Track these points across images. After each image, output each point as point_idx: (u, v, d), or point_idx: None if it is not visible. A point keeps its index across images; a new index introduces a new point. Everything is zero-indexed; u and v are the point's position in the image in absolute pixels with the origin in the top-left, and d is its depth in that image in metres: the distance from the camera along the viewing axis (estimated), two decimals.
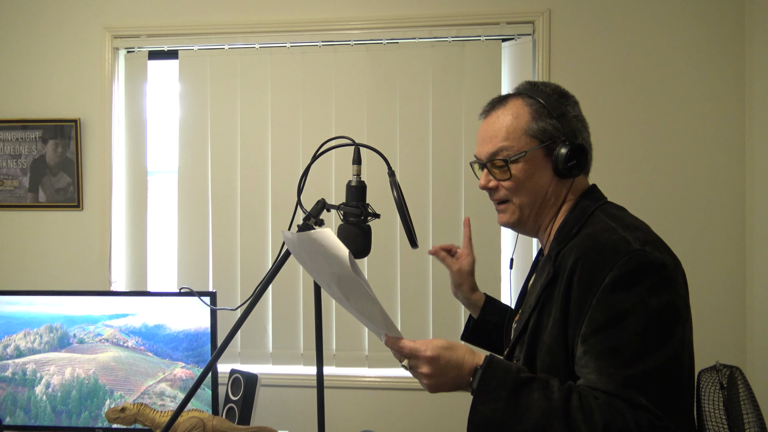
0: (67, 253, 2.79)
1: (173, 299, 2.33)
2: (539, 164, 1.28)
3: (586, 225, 1.25)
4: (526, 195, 1.30)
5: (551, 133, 1.26)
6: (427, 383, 1.17)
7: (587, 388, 1.09)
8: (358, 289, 1.13)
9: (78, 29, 2.78)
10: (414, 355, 1.16)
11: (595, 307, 1.12)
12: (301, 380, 2.67)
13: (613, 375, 1.07)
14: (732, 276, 2.50)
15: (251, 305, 1.29)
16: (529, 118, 1.28)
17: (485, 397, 1.11)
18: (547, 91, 1.31)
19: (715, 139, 2.52)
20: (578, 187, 1.33)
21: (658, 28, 2.54)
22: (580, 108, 1.33)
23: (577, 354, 1.14)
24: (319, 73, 2.68)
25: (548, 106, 1.27)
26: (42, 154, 2.79)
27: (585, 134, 1.31)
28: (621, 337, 1.09)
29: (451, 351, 1.16)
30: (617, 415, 1.04)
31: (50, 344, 2.34)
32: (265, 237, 2.71)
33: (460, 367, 1.15)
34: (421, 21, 2.62)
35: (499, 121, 1.30)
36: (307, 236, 1.12)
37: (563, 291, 1.18)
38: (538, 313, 1.25)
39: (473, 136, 2.60)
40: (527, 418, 1.07)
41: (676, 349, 1.10)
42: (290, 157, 2.69)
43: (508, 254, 2.65)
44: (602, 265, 1.13)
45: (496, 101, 1.34)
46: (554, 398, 1.08)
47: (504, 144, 1.28)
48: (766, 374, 2.35)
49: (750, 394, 1.96)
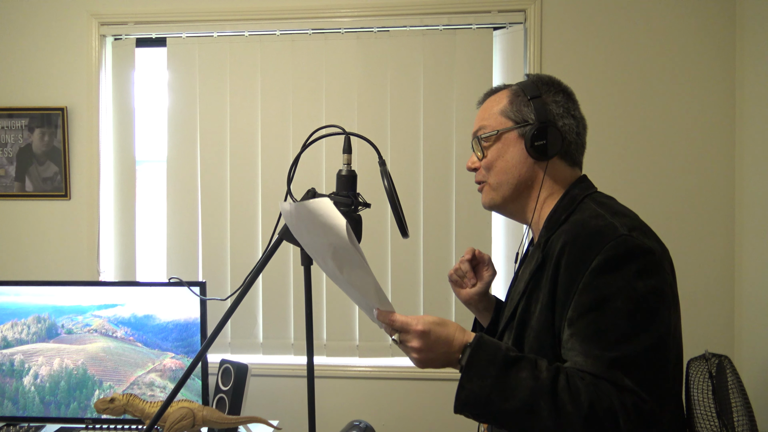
0: (54, 243, 2.77)
1: (162, 289, 2.32)
2: (511, 144, 1.33)
3: (575, 212, 1.27)
4: (497, 173, 1.35)
5: (526, 115, 1.31)
6: (417, 357, 1.17)
7: (574, 369, 1.10)
8: (353, 261, 1.12)
9: (64, 16, 2.74)
10: (405, 329, 1.16)
11: (582, 291, 1.14)
12: (291, 370, 2.67)
13: (599, 357, 1.08)
14: (721, 265, 2.52)
15: (241, 295, 1.28)
16: (507, 101, 1.34)
17: (473, 373, 1.12)
18: (534, 79, 1.36)
19: (705, 129, 2.52)
20: (566, 176, 1.34)
21: (649, 18, 2.53)
22: (572, 100, 1.35)
23: (564, 337, 1.16)
24: (310, 61, 2.66)
25: (524, 90, 1.33)
26: (28, 142, 2.75)
27: (568, 121, 1.32)
28: (607, 320, 1.10)
29: (441, 327, 1.17)
30: (603, 396, 1.05)
31: (38, 335, 2.32)
32: (255, 226, 2.69)
33: (450, 344, 1.16)
34: (412, 9, 2.60)
35: (485, 106, 1.39)
36: (306, 205, 1.11)
37: (551, 276, 1.20)
38: (526, 299, 1.27)
39: (464, 124, 2.60)
40: (514, 396, 1.08)
41: (661, 333, 1.11)
42: (280, 145, 2.67)
43: (500, 247, 2.65)
44: (589, 249, 1.15)
45: (489, 92, 1.42)
46: (542, 378, 1.08)
47: (482, 123, 1.37)
48: (754, 363, 2.37)
49: (738, 383, 1.97)
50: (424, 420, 2.62)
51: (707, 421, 1.94)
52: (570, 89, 1.37)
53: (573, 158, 1.35)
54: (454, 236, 2.62)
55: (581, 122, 1.36)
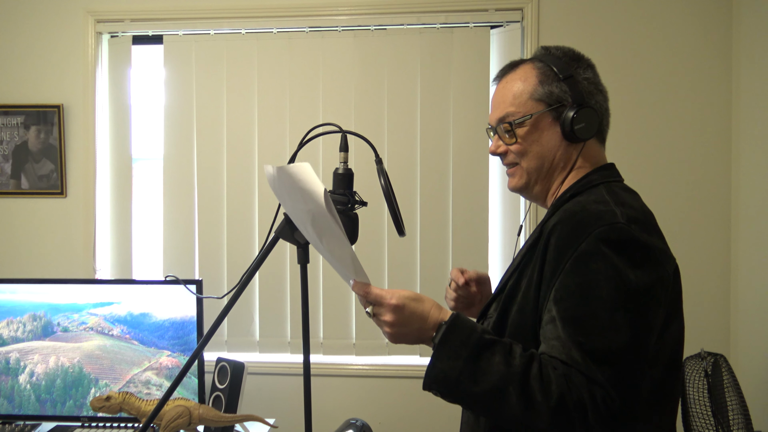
0: (50, 241, 2.76)
1: (159, 287, 2.31)
2: (546, 128, 1.27)
3: (582, 194, 1.23)
4: (533, 158, 1.29)
5: (558, 96, 1.25)
6: (389, 332, 1.15)
7: (548, 356, 1.07)
8: (331, 229, 1.10)
9: (60, 13, 2.73)
10: (379, 302, 1.15)
11: (568, 273, 1.10)
12: (288, 368, 2.67)
13: (574, 346, 1.04)
14: (717, 264, 2.52)
15: (238, 293, 1.27)
16: (536, 81, 1.27)
17: (445, 353, 1.09)
18: (558, 54, 1.30)
19: (701, 127, 2.52)
20: (593, 157, 1.31)
21: (647, 17, 2.54)
22: (595, 71, 1.32)
23: (544, 318, 1.12)
24: (307, 59, 2.66)
25: (556, 68, 1.26)
26: (24, 140, 2.74)
27: (599, 97, 1.29)
28: (588, 308, 1.06)
29: (417, 302, 1.14)
30: (574, 388, 1.01)
31: (34, 333, 2.32)
32: (252, 225, 2.69)
33: (424, 320, 1.13)
34: (409, 7, 2.60)
35: (508, 86, 1.31)
36: (286, 169, 1.10)
37: (541, 253, 1.17)
38: (518, 273, 1.24)
39: (461, 123, 2.60)
40: (484, 380, 1.05)
41: (643, 332, 1.06)
42: (277, 143, 2.67)
43: (496, 245, 2.65)
44: (580, 230, 1.11)
45: (507, 67, 1.35)
46: (514, 364, 1.05)
47: (510, 109, 1.28)
48: (749, 361, 2.38)
49: (734, 381, 1.98)
50: (421, 418, 2.62)
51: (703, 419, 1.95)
52: (590, 59, 1.33)
53: (604, 135, 1.33)
54: (450, 234, 2.62)
55: (605, 93, 1.33)
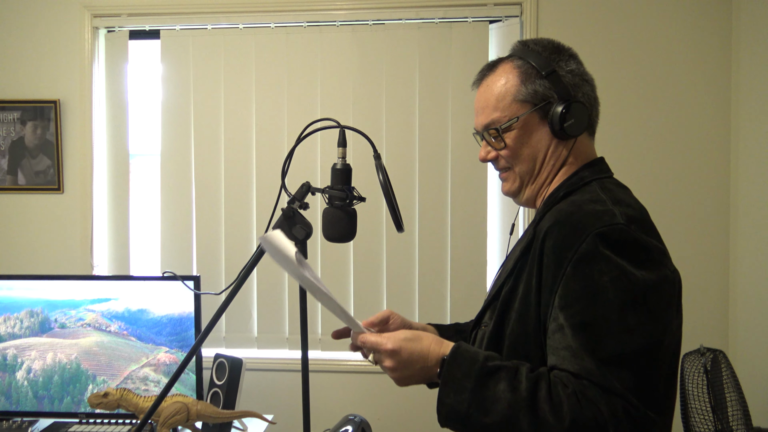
0: (47, 237, 2.75)
1: (156, 283, 2.31)
2: (535, 128, 1.21)
3: (576, 192, 1.18)
4: (525, 161, 1.23)
5: (543, 94, 1.19)
6: (393, 377, 1.13)
7: (558, 371, 1.02)
8: (314, 286, 1.08)
9: (57, 8, 2.71)
10: (376, 348, 1.12)
11: (570, 277, 1.04)
12: (286, 364, 2.66)
13: (586, 355, 0.99)
14: (716, 260, 2.52)
15: (235, 289, 1.27)
16: (518, 81, 1.21)
17: (450, 388, 1.05)
18: (537, 49, 1.23)
19: (700, 124, 2.52)
20: (583, 152, 1.25)
21: (646, 13, 2.53)
22: (578, 61, 1.26)
23: (550, 327, 1.07)
24: (304, 54, 2.65)
25: (537, 65, 1.20)
26: (21, 135, 2.73)
27: (586, 88, 1.23)
28: (597, 311, 1.01)
29: (414, 342, 1.11)
30: (589, 405, 0.96)
31: (31, 329, 2.31)
32: (250, 220, 2.68)
33: (425, 358, 1.10)
34: (407, 2, 2.59)
35: (489, 89, 1.24)
36: (265, 238, 1.05)
37: (537, 257, 1.11)
38: (513, 279, 1.19)
39: (460, 118, 2.59)
40: (493, 409, 1.01)
41: (657, 332, 1.02)
42: (275, 139, 2.66)
43: (495, 242, 2.65)
44: (578, 232, 1.06)
45: (486, 68, 1.28)
46: (521, 389, 1.00)
47: (495, 115, 1.22)
48: (748, 357, 2.38)
49: (733, 377, 1.98)
50: (419, 414, 2.62)
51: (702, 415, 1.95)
52: (572, 49, 1.27)
53: (594, 127, 1.28)
54: (449, 230, 2.61)
55: (592, 82, 1.26)
